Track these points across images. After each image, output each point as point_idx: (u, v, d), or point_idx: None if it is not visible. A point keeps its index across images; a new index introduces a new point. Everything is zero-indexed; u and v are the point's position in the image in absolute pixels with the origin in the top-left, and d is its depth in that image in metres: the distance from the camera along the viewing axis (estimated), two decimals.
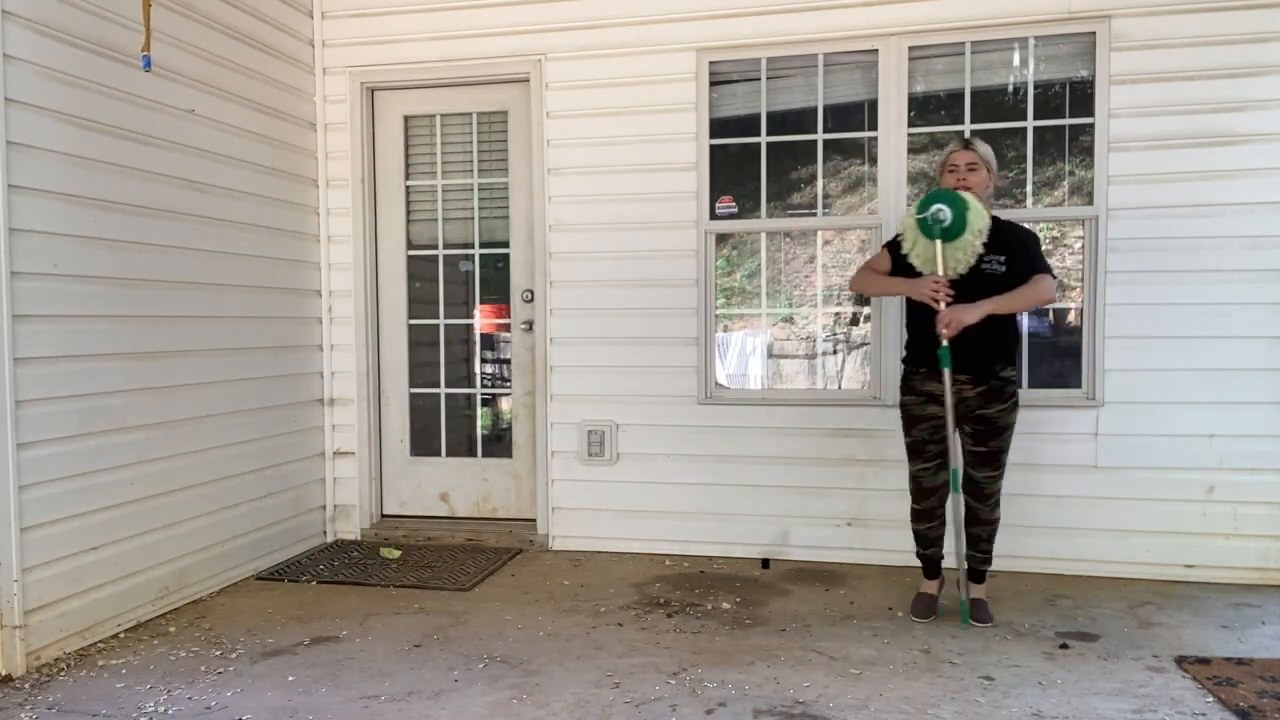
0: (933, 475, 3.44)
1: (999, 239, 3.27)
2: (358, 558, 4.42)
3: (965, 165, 3.32)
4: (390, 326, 4.81)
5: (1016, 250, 3.28)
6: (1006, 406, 3.33)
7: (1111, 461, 4.01)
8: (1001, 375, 3.31)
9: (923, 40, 4.13)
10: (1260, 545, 3.91)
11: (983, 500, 3.41)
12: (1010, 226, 3.36)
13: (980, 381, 3.30)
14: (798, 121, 4.34)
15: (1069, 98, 4.10)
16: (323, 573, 4.18)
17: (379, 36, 4.61)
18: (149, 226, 3.60)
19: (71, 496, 3.22)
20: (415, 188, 4.80)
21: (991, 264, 3.24)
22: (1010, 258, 3.26)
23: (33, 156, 3.07)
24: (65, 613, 3.19)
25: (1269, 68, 3.83)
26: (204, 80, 3.88)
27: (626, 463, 4.47)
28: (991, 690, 2.85)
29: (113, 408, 3.41)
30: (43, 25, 3.11)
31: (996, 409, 3.31)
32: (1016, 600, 3.72)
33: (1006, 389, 3.33)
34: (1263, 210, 3.85)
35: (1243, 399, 3.89)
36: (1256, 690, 2.80)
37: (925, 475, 3.45)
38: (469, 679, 2.96)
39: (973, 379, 3.29)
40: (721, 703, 2.75)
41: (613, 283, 4.43)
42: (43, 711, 2.76)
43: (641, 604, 3.72)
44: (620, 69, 4.37)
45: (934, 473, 3.43)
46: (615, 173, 4.41)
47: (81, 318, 3.28)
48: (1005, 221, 3.38)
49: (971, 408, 3.32)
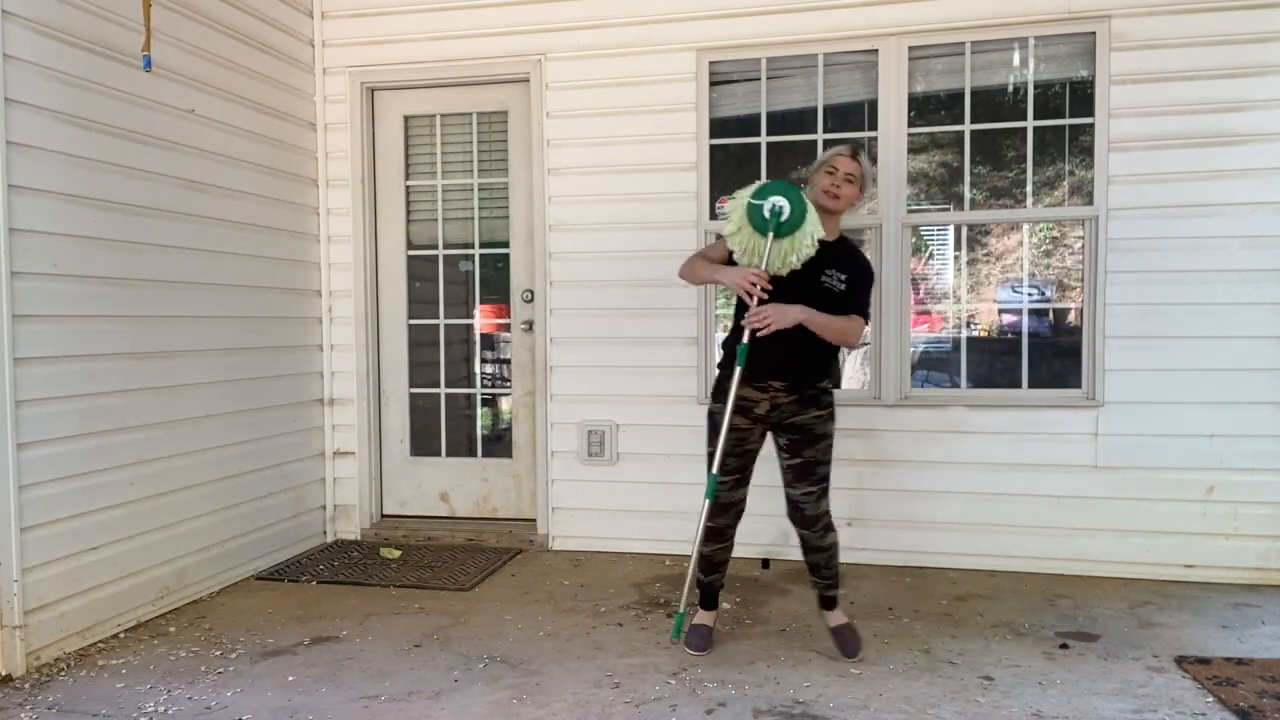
0: (730, 490, 3.13)
1: (846, 260, 3.08)
2: (358, 558, 4.41)
3: (844, 174, 3.06)
4: (390, 326, 4.81)
5: (856, 279, 3.07)
6: (824, 414, 3.08)
7: (1111, 461, 4.01)
8: (819, 385, 3.07)
9: (923, 40, 4.13)
10: (1260, 545, 3.91)
11: (809, 526, 3.11)
12: (858, 254, 3.16)
13: (795, 390, 3.03)
14: (798, 121, 4.34)
15: (1069, 98, 4.10)
16: (323, 573, 4.18)
17: (379, 36, 4.61)
18: (149, 226, 3.60)
19: (71, 496, 3.22)
20: (415, 188, 4.80)
21: (832, 279, 3.03)
22: (849, 281, 3.05)
23: (33, 156, 3.07)
24: (65, 613, 3.19)
25: (1269, 68, 3.83)
26: (204, 80, 3.88)
27: (626, 463, 4.47)
28: (991, 690, 2.85)
29: (113, 408, 3.41)
30: (43, 25, 3.11)
31: (812, 415, 3.05)
32: (1016, 600, 3.72)
33: (823, 398, 3.08)
34: (1263, 210, 3.85)
35: (1243, 399, 3.89)
36: (1256, 690, 2.80)
37: (723, 490, 3.11)
38: (469, 679, 2.96)
39: (788, 386, 3.03)
40: (721, 703, 2.75)
41: (613, 283, 4.43)
42: (43, 711, 2.76)
43: (641, 604, 3.72)
44: (620, 69, 4.37)
45: (732, 488, 3.13)
46: (615, 173, 4.41)
47: (81, 318, 3.28)
48: (855, 246, 3.20)
49: (785, 414, 3.06)
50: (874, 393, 4.25)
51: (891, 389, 4.19)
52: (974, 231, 4.93)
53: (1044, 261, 5.71)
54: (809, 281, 3.00)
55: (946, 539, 4.15)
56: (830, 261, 3.02)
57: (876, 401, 4.21)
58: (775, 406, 3.06)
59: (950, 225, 4.78)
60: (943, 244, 6.16)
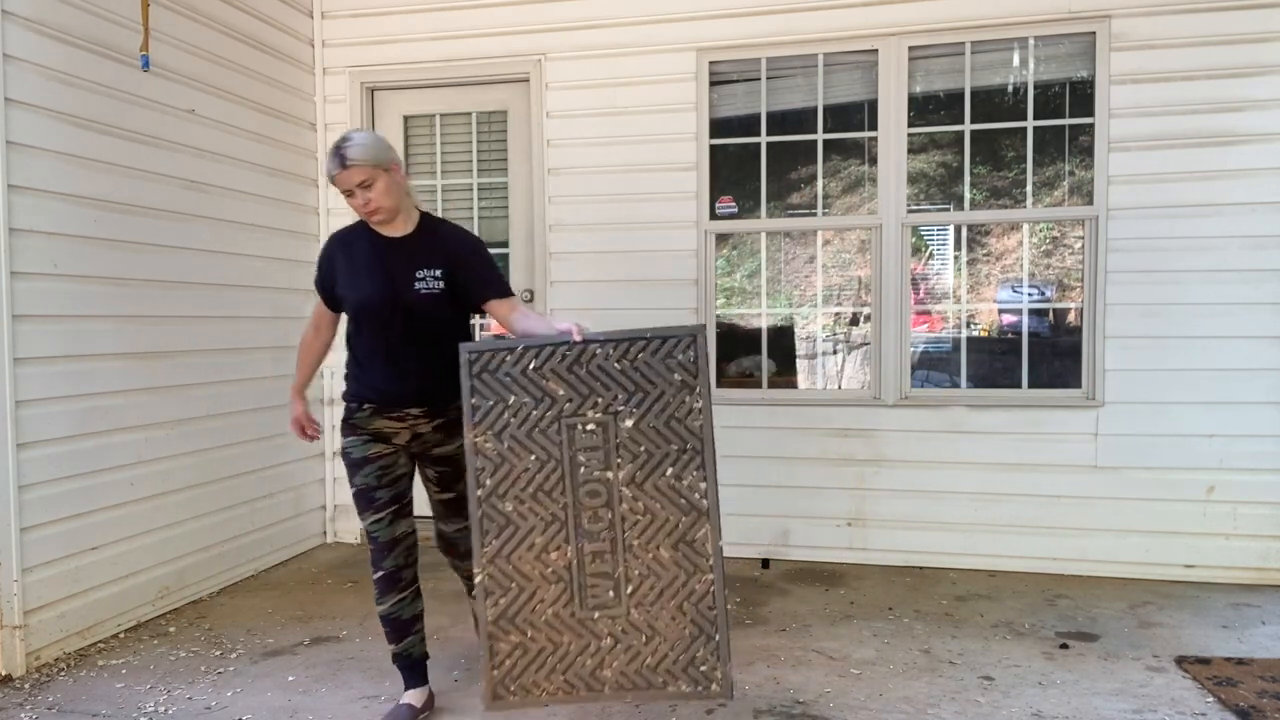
0: (390, 525, 2.64)
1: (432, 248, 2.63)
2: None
3: (360, 185, 2.53)
4: None
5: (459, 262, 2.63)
6: None
7: (1111, 461, 4.01)
8: (457, 405, 2.60)
9: (923, 40, 4.13)
10: (1260, 545, 3.91)
11: (467, 558, 2.79)
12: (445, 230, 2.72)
13: (437, 414, 2.65)
14: (798, 121, 4.34)
15: (1069, 98, 4.10)
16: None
17: (379, 36, 4.61)
18: (149, 226, 3.60)
19: (71, 496, 3.22)
20: (415, 187, 4.78)
21: (426, 280, 2.58)
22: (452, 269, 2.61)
23: (33, 156, 3.07)
24: (65, 613, 3.19)
25: (1269, 68, 3.83)
26: (204, 80, 3.88)
27: None
28: (991, 690, 2.85)
29: (112, 408, 3.41)
30: (43, 25, 3.11)
31: (458, 445, 2.63)
32: (1016, 600, 3.72)
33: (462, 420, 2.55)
34: (1263, 210, 3.85)
35: (1243, 399, 3.89)
36: (1256, 690, 2.80)
37: (380, 528, 2.63)
38: (469, 679, 2.96)
39: (428, 412, 2.64)
40: (721, 703, 2.75)
41: (613, 282, 4.43)
42: (43, 711, 2.76)
43: None
44: (620, 69, 4.37)
45: (391, 521, 2.64)
46: (615, 172, 4.41)
47: (81, 318, 3.28)
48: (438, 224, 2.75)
49: (429, 444, 2.69)
50: (874, 393, 4.25)
51: (891, 389, 4.19)
52: (974, 231, 4.93)
53: (1044, 261, 5.71)
54: (405, 296, 2.57)
55: (946, 539, 4.14)
56: (421, 259, 2.60)
57: (876, 401, 4.21)
58: (416, 436, 2.67)
59: (950, 225, 4.78)
60: (943, 244, 6.16)
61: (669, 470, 2.39)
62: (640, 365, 2.40)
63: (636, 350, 2.40)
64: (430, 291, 2.58)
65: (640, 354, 2.40)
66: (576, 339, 2.40)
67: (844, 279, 6.30)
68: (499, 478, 2.39)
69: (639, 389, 2.40)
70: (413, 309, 2.58)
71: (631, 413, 2.40)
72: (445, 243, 2.67)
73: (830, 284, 6.32)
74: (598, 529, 2.39)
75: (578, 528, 2.39)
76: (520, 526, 2.39)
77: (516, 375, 2.40)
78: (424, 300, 2.58)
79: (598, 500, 2.39)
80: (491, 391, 2.40)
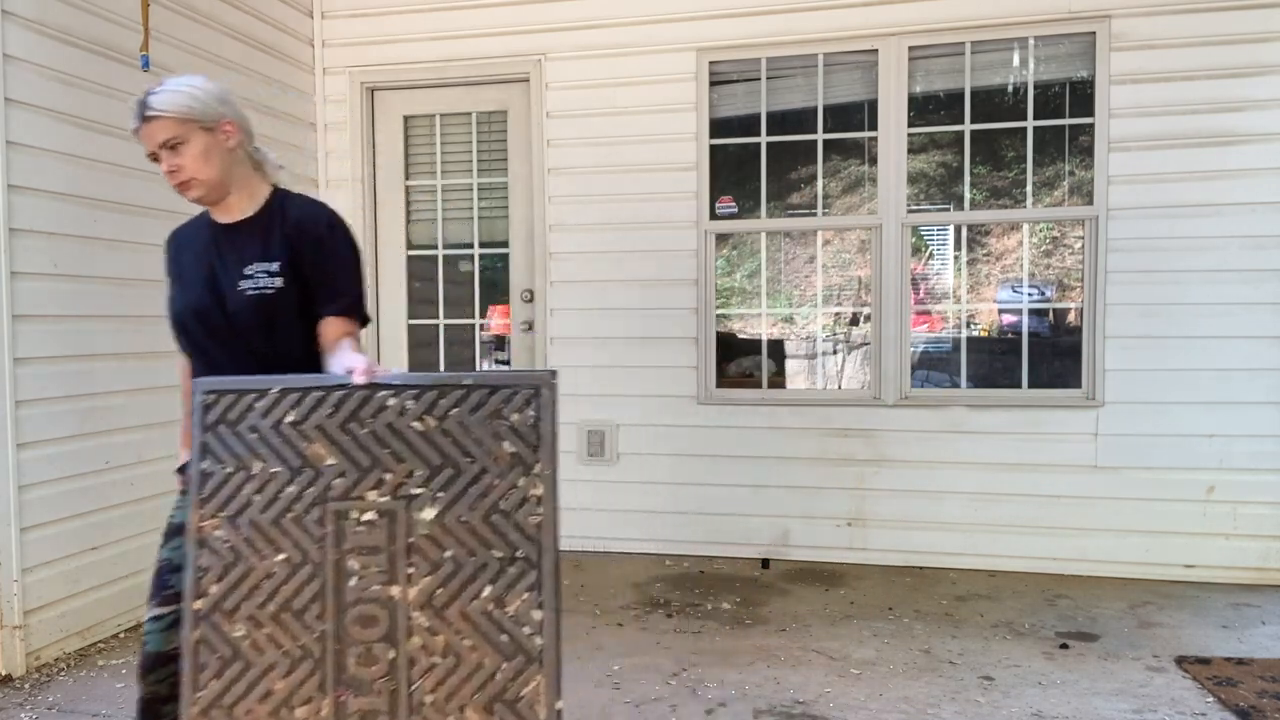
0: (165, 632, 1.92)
1: (270, 237, 1.91)
2: None
3: (164, 144, 1.87)
4: (390, 326, 4.81)
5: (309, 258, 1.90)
6: None
7: (1111, 461, 4.01)
8: None
9: (923, 40, 4.13)
10: (1260, 545, 3.91)
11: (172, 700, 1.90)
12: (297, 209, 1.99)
13: None
14: (798, 121, 4.34)
15: (1069, 98, 4.10)
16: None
17: (379, 36, 4.61)
18: (149, 226, 3.58)
19: (71, 496, 3.22)
20: (415, 187, 4.80)
21: (258, 277, 1.87)
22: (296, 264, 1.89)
23: (33, 156, 3.07)
24: (65, 613, 3.19)
25: (1269, 68, 3.83)
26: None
27: (626, 463, 4.47)
28: (991, 690, 2.85)
29: (113, 408, 3.41)
30: (43, 25, 3.11)
31: None
32: (1016, 600, 3.72)
33: None
34: (1263, 210, 3.85)
35: (1243, 399, 3.89)
36: (1256, 690, 2.80)
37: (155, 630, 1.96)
38: None
39: None
40: (721, 703, 2.75)
41: (612, 282, 4.43)
42: (43, 711, 2.76)
43: (641, 604, 3.72)
44: (620, 69, 4.37)
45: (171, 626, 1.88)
46: (615, 172, 4.41)
47: (81, 318, 3.28)
48: (289, 202, 2.02)
49: None
50: (874, 393, 4.25)
51: (891, 389, 4.20)
52: (974, 231, 4.94)
53: (1044, 261, 5.72)
54: (228, 303, 1.88)
55: (946, 539, 4.14)
56: (255, 250, 1.90)
57: (876, 401, 4.21)
58: None
59: (950, 225, 4.79)
60: (943, 244, 6.18)
61: (486, 590, 1.57)
62: (452, 427, 1.61)
63: (449, 404, 1.61)
64: (259, 292, 1.85)
65: (454, 410, 1.60)
66: (359, 380, 1.62)
67: (844, 279, 6.31)
68: (228, 584, 1.60)
69: (448, 463, 1.60)
70: (235, 319, 1.87)
71: (434, 498, 1.59)
72: (289, 223, 1.92)
73: (830, 284, 6.32)
74: (371, 675, 1.56)
75: (340, 671, 1.57)
76: (254, 663, 1.58)
77: (266, 431, 1.63)
78: (248, 305, 1.85)
79: (374, 631, 1.57)
80: (229, 453, 1.63)
